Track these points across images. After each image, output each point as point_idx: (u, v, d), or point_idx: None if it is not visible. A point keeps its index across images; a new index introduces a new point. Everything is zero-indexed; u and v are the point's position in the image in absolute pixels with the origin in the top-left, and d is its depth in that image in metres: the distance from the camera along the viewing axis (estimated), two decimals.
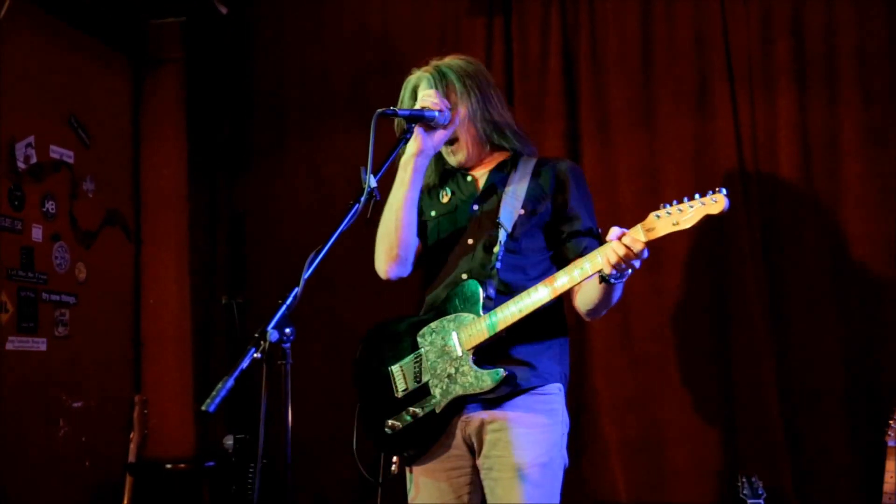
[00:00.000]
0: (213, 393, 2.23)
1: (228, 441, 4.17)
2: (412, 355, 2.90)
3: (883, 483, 3.58)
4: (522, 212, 2.91)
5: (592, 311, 2.89)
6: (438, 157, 3.03)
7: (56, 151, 4.48)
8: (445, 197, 3.03)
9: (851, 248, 4.07)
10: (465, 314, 2.82)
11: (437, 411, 2.82)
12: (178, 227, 4.90)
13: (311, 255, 2.43)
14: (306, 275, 2.39)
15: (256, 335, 2.30)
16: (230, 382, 2.24)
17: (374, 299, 4.67)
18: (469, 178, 3.03)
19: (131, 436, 4.03)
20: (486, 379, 2.74)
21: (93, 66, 4.76)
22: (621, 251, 2.55)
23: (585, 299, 2.86)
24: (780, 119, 4.18)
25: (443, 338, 2.84)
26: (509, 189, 2.93)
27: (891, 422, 3.68)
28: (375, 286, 4.63)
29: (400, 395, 2.88)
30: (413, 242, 3.00)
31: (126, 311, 4.87)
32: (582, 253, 2.84)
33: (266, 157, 4.90)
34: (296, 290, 2.37)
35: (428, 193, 3.07)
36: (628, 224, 2.67)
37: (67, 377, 4.45)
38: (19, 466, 4.12)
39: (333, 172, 4.67)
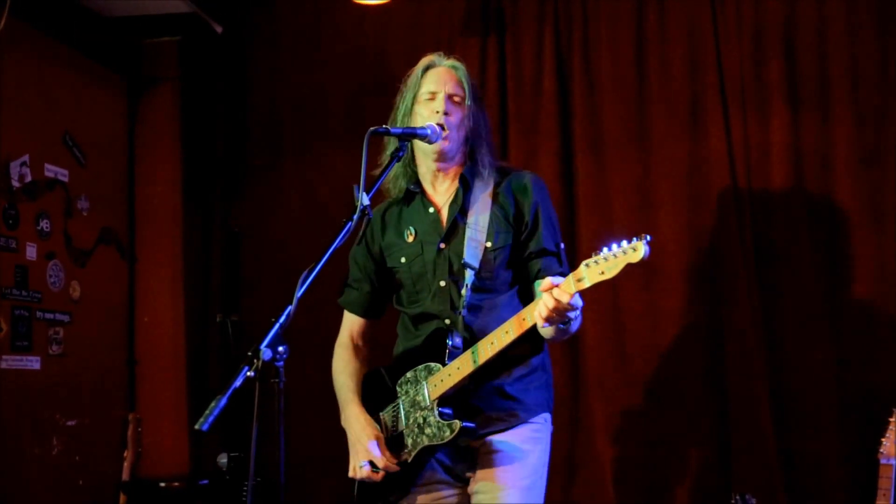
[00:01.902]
0: (207, 412, 2.24)
1: (222, 459, 4.15)
2: (391, 405, 2.96)
3: (875, 500, 3.59)
4: (488, 245, 2.90)
5: (551, 341, 2.92)
6: (409, 161, 3.01)
7: (51, 170, 4.49)
8: (410, 236, 2.98)
9: (843, 266, 4.09)
10: (434, 363, 2.85)
11: (409, 460, 2.88)
12: (172, 246, 4.90)
13: (305, 274, 2.44)
14: (300, 293, 2.40)
15: (250, 354, 2.30)
16: (223, 401, 2.24)
17: None
18: (432, 211, 2.98)
19: (125, 454, 4.03)
20: (446, 430, 2.79)
21: (88, 85, 4.77)
22: (550, 304, 2.56)
23: (542, 333, 2.85)
24: (773, 139, 4.21)
25: (415, 388, 2.88)
26: (471, 221, 2.91)
27: (883, 439, 3.69)
28: None
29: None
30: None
31: (120, 330, 4.86)
32: (537, 275, 2.89)
33: (261, 175, 4.91)
34: (289, 308, 2.38)
35: (395, 226, 3.03)
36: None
37: (61, 395, 4.44)
38: (12, 485, 4.11)
39: (328, 192, 4.67)
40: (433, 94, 2.93)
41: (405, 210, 3.02)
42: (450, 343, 2.83)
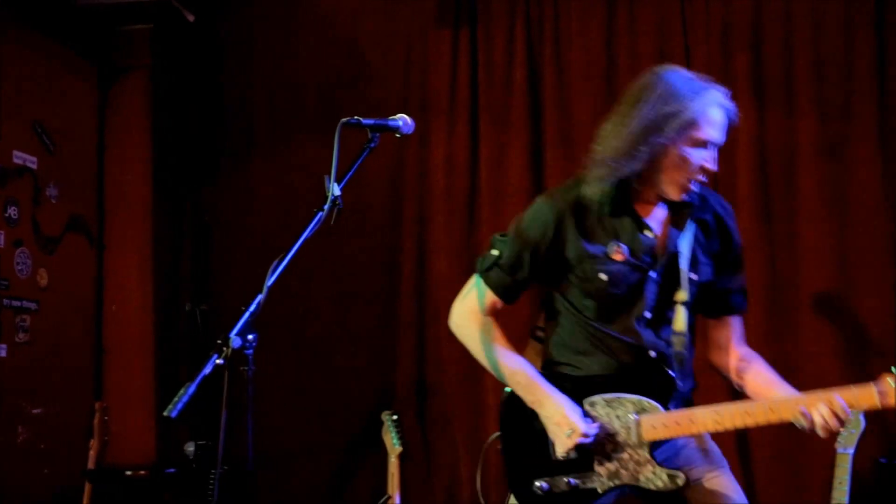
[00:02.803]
0: (175, 399, 2.25)
1: (190, 448, 4.16)
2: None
3: (831, 490, 3.65)
4: (694, 277, 2.72)
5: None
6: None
7: (19, 157, 4.46)
8: (619, 255, 2.69)
9: (803, 259, 4.17)
10: (650, 401, 2.65)
11: (600, 491, 2.68)
12: (142, 234, 4.88)
13: (275, 263, 2.44)
14: (269, 282, 2.40)
15: (219, 342, 2.31)
16: (192, 388, 2.25)
17: (338, 308, 4.72)
18: (650, 236, 2.69)
19: (91, 443, 4.02)
20: (664, 479, 2.62)
21: (59, 72, 4.74)
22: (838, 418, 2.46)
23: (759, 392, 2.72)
24: (739, 131, 4.25)
25: (618, 416, 2.67)
26: (682, 249, 2.70)
27: (841, 429, 3.75)
28: (340, 295, 4.73)
29: (557, 457, 2.71)
30: None
31: (88, 318, 4.84)
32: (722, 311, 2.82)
33: (233, 165, 4.90)
34: (259, 296, 2.39)
35: (600, 235, 2.69)
36: None
37: (28, 383, 4.42)
38: None
39: (301, 182, 4.68)
40: (709, 143, 2.64)
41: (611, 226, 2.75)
42: (679, 386, 2.67)
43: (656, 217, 2.72)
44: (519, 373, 2.75)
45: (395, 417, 4.45)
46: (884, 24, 4.15)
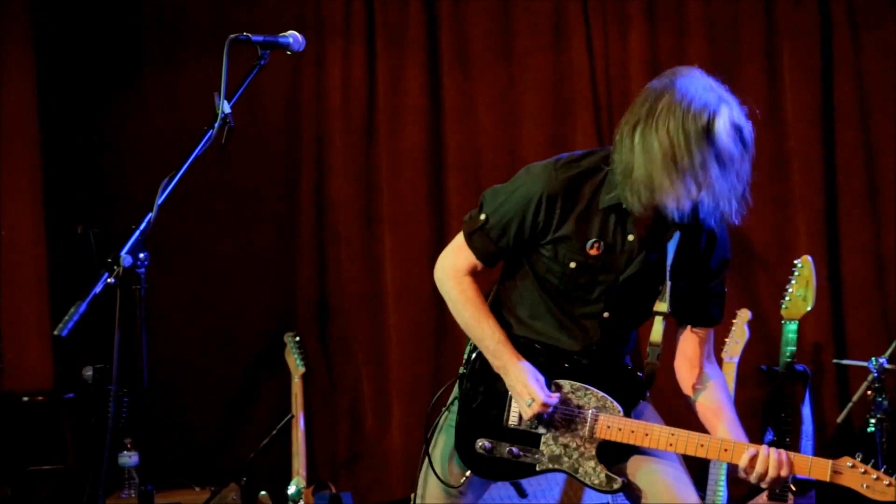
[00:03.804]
0: (66, 318, 2.25)
1: (88, 372, 4.12)
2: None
3: None
4: (676, 286, 2.69)
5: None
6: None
7: None
8: (595, 250, 2.65)
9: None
10: (613, 401, 2.66)
11: (537, 469, 2.70)
12: (30, 158, 4.74)
13: (165, 182, 2.42)
14: (160, 200, 2.38)
15: (109, 260, 2.30)
16: (83, 307, 2.25)
17: (238, 229, 4.70)
18: (632, 239, 2.64)
19: None
20: (601, 479, 2.65)
21: None
22: (782, 473, 2.49)
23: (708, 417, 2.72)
24: (631, 52, 4.34)
25: (579, 405, 2.68)
26: (667, 258, 2.68)
27: (726, 339, 3.95)
28: (239, 216, 4.70)
29: (508, 425, 2.72)
30: None
31: None
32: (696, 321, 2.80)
33: (123, 84, 4.77)
34: (149, 215, 2.37)
35: (584, 225, 2.64)
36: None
37: None
38: None
39: (193, 100, 4.57)
40: None
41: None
42: (647, 394, 2.70)
43: (643, 221, 2.63)
44: (489, 336, 2.73)
45: (297, 339, 4.49)
46: None
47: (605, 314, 2.70)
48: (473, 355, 2.79)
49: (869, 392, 3.52)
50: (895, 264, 4.21)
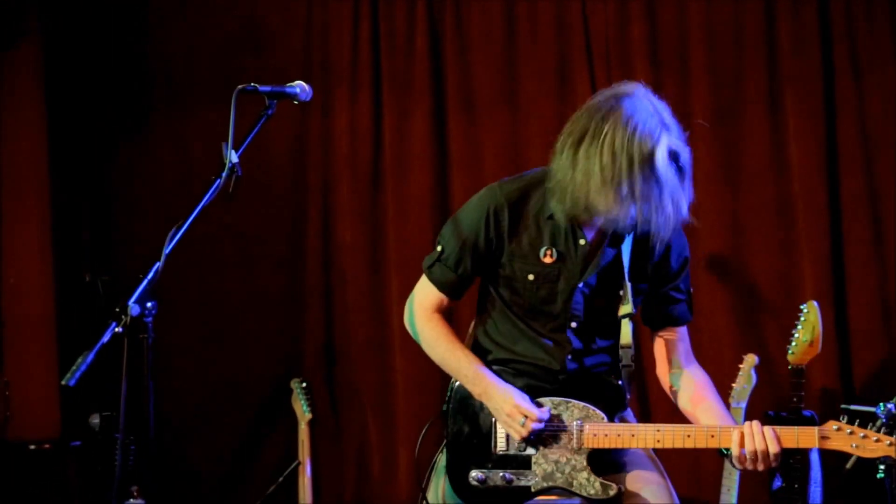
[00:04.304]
0: (74, 367, 2.26)
1: (94, 420, 4.12)
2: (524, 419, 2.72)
3: None
4: (637, 288, 2.76)
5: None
6: None
7: None
8: (549, 258, 2.72)
9: (698, 221, 4.30)
10: (595, 409, 2.70)
11: (533, 490, 2.72)
12: (40, 205, 4.77)
13: (173, 231, 2.45)
14: (167, 249, 2.40)
15: (117, 309, 2.31)
16: (91, 356, 2.25)
17: (245, 277, 4.71)
18: (583, 244, 2.70)
19: None
20: (596, 487, 2.67)
21: None
22: (773, 449, 2.54)
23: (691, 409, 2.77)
24: None
25: (563, 419, 2.71)
26: (623, 261, 2.76)
27: (733, 384, 3.93)
28: (246, 264, 4.71)
29: (497, 452, 2.75)
30: None
31: None
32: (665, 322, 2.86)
33: (132, 133, 4.81)
34: (157, 264, 2.39)
35: (535, 236, 2.72)
36: None
37: None
38: None
39: (202, 149, 4.63)
40: None
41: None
42: (628, 396, 2.75)
43: (594, 225, 2.68)
44: (465, 366, 2.76)
45: (304, 385, 4.48)
46: None
47: (573, 324, 2.73)
48: (453, 389, 2.81)
49: None
50: None
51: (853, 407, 4.03)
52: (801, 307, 3.89)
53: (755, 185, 4.30)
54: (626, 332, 2.73)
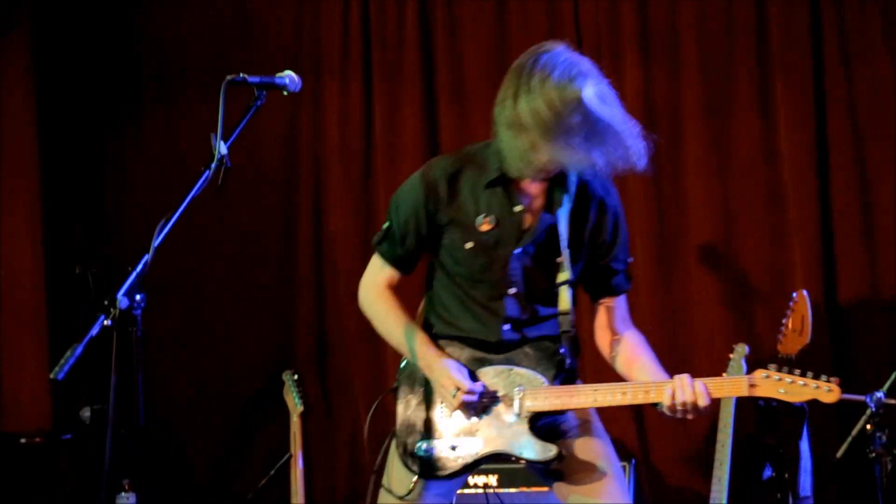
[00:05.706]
0: (62, 361, 2.25)
1: (86, 413, 4.11)
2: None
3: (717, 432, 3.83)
4: (573, 256, 2.77)
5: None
6: None
7: None
8: (486, 226, 2.74)
9: (689, 212, 4.32)
10: (536, 374, 2.73)
11: (478, 455, 2.75)
12: (30, 197, 4.76)
13: (161, 223, 2.44)
14: (156, 242, 2.40)
15: (106, 302, 2.31)
16: (79, 349, 2.25)
17: (236, 268, 4.71)
18: (519, 210, 2.74)
19: None
20: (536, 449, 2.69)
21: None
22: (702, 402, 2.58)
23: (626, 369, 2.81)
24: (627, 89, 4.36)
25: (505, 386, 2.75)
26: (560, 229, 2.78)
27: (723, 374, 3.92)
28: (237, 255, 4.71)
29: (442, 422, 2.78)
30: None
31: None
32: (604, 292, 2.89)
33: (122, 124, 4.81)
34: (146, 257, 2.38)
35: (471, 205, 2.75)
36: None
37: None
38: None
39: (191, 140, 4.62)
40: None
41: None
42: (567, 362, 2.76)
43: (530, 192, 2.74)
44: (410, 340, 2.81)
45: (296, 377, 4.48)
46: None
47: (511, 290, 2.76)
48: (402, 365, 2.87)
49: (868, 426, 3.51)
50: (892, 296, 4.22)
51: (844, 396, 4.05)
52: (792, 295, 3.90)
53: (746, 176, 4.30)
54: (565, 299, 2.77)
